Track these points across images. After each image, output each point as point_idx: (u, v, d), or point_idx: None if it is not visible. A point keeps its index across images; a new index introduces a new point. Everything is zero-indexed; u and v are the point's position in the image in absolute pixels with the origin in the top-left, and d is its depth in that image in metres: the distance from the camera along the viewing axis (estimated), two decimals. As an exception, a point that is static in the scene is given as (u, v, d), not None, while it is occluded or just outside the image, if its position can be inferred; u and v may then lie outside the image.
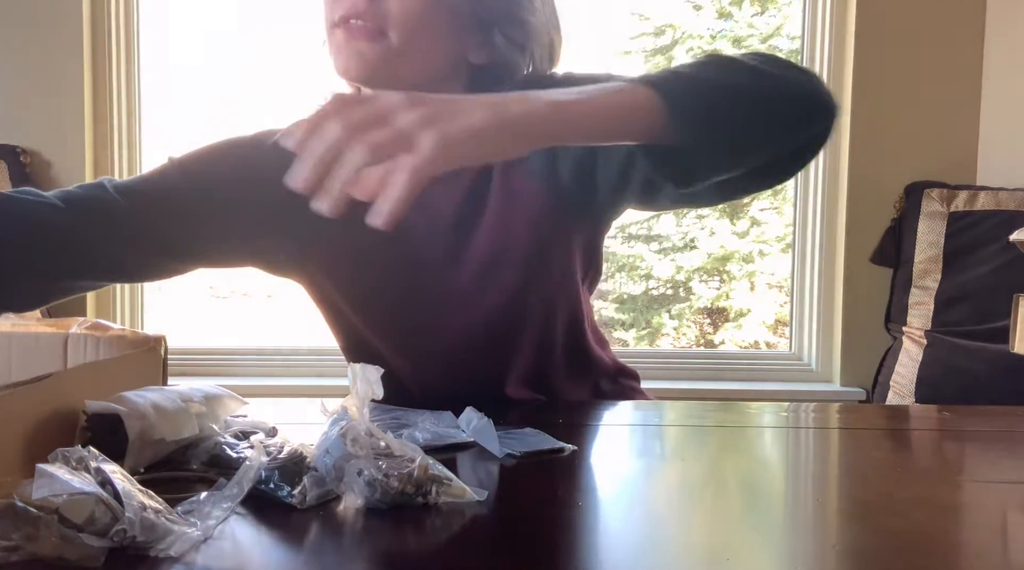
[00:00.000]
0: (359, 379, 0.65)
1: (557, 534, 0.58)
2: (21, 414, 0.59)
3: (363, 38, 0.88)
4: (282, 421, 0.77)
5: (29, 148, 2.07)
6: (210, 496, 0.55)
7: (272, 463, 0.60)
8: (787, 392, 2.26)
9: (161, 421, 0.64)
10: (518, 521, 0.61)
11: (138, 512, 0.49)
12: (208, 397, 0.72)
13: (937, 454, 0.82)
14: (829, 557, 0.54)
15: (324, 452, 0.60)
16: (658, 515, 0.61)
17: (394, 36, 0.88)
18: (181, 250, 0.94)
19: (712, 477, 0.73)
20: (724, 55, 0.76)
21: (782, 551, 0.57)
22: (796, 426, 0.92)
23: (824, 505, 0.66)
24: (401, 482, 0.59)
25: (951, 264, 2.05)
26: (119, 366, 0.74)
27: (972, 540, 0.62)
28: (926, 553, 0.56)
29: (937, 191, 2.10)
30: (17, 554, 0.47)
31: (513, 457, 0.73)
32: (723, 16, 4.61)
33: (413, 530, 0.57)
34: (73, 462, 0.52)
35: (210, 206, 0.93)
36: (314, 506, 0.59)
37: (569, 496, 0.64)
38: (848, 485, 0.72)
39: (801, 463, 0.81)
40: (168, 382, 0.79)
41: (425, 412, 0.84)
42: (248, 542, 0.54)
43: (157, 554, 0.49)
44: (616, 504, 0.64)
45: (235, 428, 0.72)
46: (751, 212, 3.77)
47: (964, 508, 0.67)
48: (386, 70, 0.89)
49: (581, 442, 0.78)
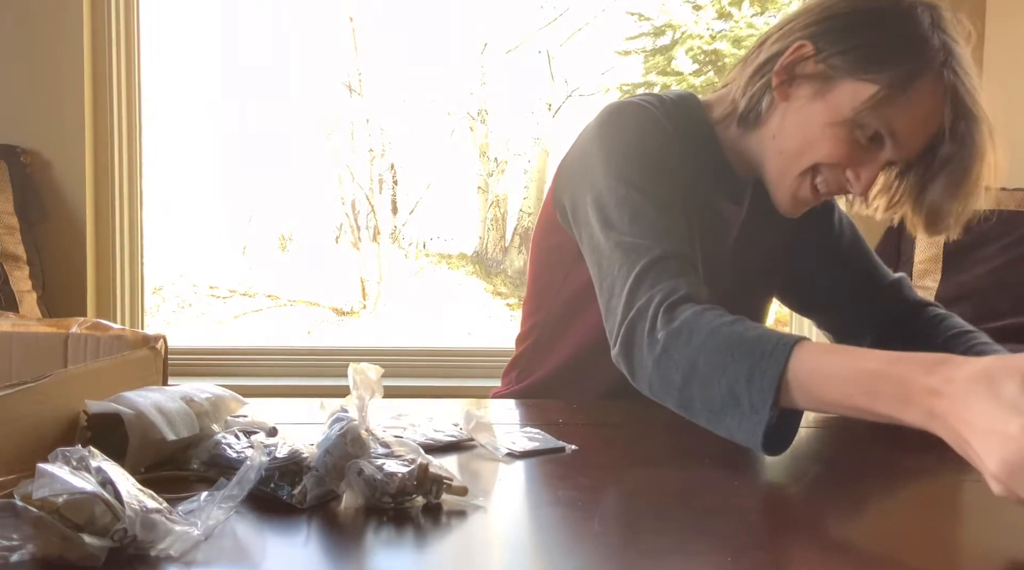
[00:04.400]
0: (359, 379, 0.65)
1: (557, 534, 0.58)
2: (21, 414, 0.59)
3: (819, 200, 1.00)
4: (282, 421, 0.77)
5: (29, 148, 2.07)
6: (210, 496, 0.55)
7: (272, 463, 0.60)
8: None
9: (161, 421, 0.64)
10: (518, 521, 0.61)
11: (138, 512, 0.49)
12: (208, 397, 0.72)
13: (937, 454, 0.82)
14: (829, 556, 0.54)
15: (324, 452, 0.60)
16: (658, 515, 0.61)
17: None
18: None
19: (712, 477, 0.73)
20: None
21: (782, 551, 0.57)
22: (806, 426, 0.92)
23: (823, 505, 0.66)
24: (401, 482, 0.59)
25: (951, 264, 2.05)
26: (119, 366, 0.74)
27: (972, 540, 0.62)
28: (926, 553, 0.56)
29: (937, 191, 2.11)
30: (17, 554, 0.47)
31: (513, 457, 0.73)
32: (723, 16, 4.61)
33: (413, 530, 0.57)
34: (73, 462, 0.52)
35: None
36: (314, 506, 0.59)
37: (569, 496, 0.64)
38: (848, 485, 0.72)
39: (800, 463, 0.80)
40: (168, 382, 0.79)
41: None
42: (248, 542, 0.54)
43: (157, 554, 0.49)
44: (616, 504, 0.64)
45: (235, 428, 0.72)
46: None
47: (964, 508, 0.67)
48: None
49: (581, 442, 0.78)
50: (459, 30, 4.49)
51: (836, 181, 0.96)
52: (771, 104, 0.97)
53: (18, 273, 1.96)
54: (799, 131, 0.96)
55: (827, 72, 0.93)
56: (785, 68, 0.95)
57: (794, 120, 0.96)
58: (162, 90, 2.42)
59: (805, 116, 0.95)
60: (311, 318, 4.62)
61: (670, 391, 0.78)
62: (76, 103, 2.11)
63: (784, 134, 0.97)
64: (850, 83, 0.91)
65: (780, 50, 0.96)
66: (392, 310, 4.87)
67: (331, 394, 0.69)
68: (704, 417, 0.77)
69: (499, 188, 5.41)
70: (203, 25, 2.61)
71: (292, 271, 4.79)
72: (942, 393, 0.59)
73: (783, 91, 0.96)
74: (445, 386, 2.18)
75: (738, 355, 0.73)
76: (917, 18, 0.92)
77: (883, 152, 0.94)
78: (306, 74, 3.79)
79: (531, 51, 4.68)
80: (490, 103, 5.01)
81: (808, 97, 0.94)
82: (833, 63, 0.92)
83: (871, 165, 0.94)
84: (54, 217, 2.07)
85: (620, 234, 0.88)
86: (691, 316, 0.78)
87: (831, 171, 0.96)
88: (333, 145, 4.57)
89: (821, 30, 0.94)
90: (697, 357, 0.75)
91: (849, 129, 0.92)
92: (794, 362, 0.70)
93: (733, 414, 0.73)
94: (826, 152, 0.94)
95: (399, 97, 4.60)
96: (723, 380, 0.73)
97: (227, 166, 4.26)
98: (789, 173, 0.98)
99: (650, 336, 0.80)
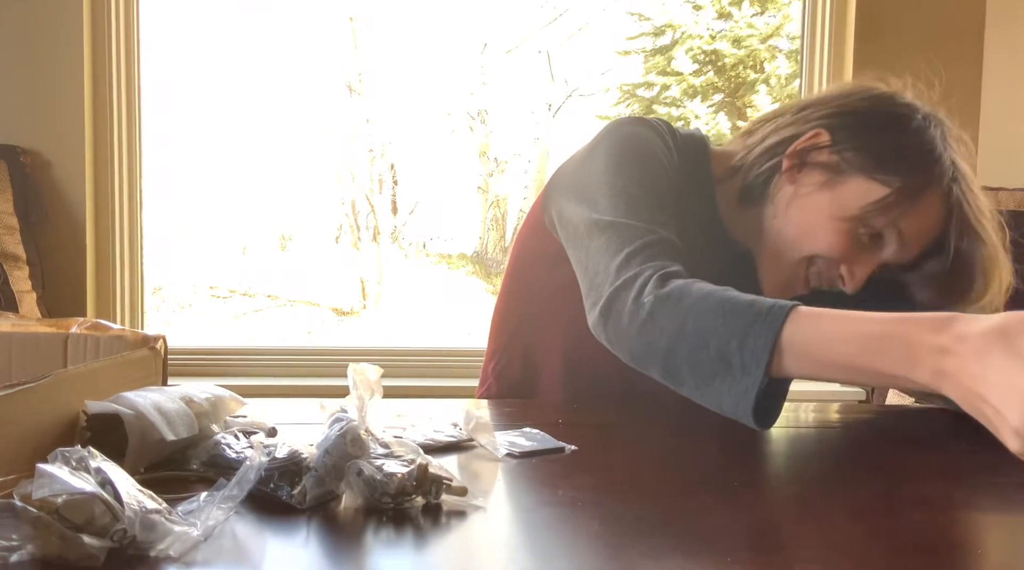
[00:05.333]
0: (359, 379, 0.65)
1: (557, 534, 0.58)
2: (21, 414, 0.59)
3: (806, 290, 0.97)
4: (282, 421, 0.77)
5: (29, 148, 2.07)
6: (210, 496, 0.55)
7: (272, 463, 0.60)
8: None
9: (161, 421, 0.64)
10: (518, 521, 0.61)
11: (138, 512, 0.49)
12: (208, 397, 0.72)
13: (937, 454, 0.82)
14: (829, 556, 0.54)
15: (324, 452, 0.60)
16: (659, 515, 0.61)
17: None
18: None
19: (712, 477, 0.73)
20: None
21: (782, 551, 0.57)
22: (796, 426, 0.92)
23: (824, 505, 0.66)
24: (401, 482, 0.59)
25: (951, 264, 2.05)
26: (119, 366, 0.74)
27: (972, 540, 0.62)
28: (926, 553, 0.56)
29: (937, 191, 2.10)
30: (17, 554, 0.47)
31: (513, 457, 0.73)
32: (723, 16, 4.61)
33: (413, 530, 0.57)
34: (73, 462, 0.52)
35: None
36: (314, 506, 0.59)
37: (569, 496, 0.64)
38: (848, 485, 0.72)
39: (801, 463, 0.81)
40: (168, 382, 0.79)
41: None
42: (248, 542, 0.54)
43: (157, 554, 0.49)
44: (616, 504, 0.64)
45: (235, 428, 0.72)
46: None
47: (964, 508, 0.67)
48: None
49: (581, 442, 0.78)
50: (459, 30, 4.49)
51: (828, 275, 0.95)
52: (777, 184, 0.97)
53: (18, 273, 1.96)
54: (803, 218, 0.95)
55: (840, 165, 0.92)
56: (798, 153, 0.94)
57: (799, 206, 0.95)
58: (162, 90, 2.42)
59: (811, 204, 0.94)
60: (311, 318, 4.62)
61: (654, 358, 0.76)
62: (76, 103, 2.11)
63: (787, 218, 0.96)
64: (862, 180, 0.91)
65: (795, 134, 0.96)
66: (392, 310, 4.87)
67: (331, 394, 0.69)
68: (690, 384, 0.74)
69: (499, 188, 5.41)
70: (203, 25, 2.62)
71: (292, 271, 4.79)
72: (952, 351, 0.58)
73: (792, 175, 0.95)
74: (445, 386, 2.18)
75: (730, 317, 0.70)
76: (932, 131, 0.93)
77: (882, 253, 0.93)
78: (306, 74, 3.80)
79: (531, 51, 4.68)
80: (490, 103, 5.01)
81: (817, 185, 0.94)
82: (847, 157, 0.92)
83: (867, 264, 0.93)
84: (54, 217, 2.07)
85: (614, 216, 0.87)
86: (682, 284, 0.76)
87: (827, 264, 0.95)
88: (333, 145, 4.57)
89: (839, 123, 0.94)
90: (685, 319, 0.73)
91: (854, 225, 0.91)
92: (791, 324, 0.68)
93: (723, 379, 0.70)
94: (827, 244, 0.93)
95: (399, 97, 4.60)
96: (713, 343, 0.71)
97: (227, 166, 4.27)
98: (785, 258, 0.96)
99: (635, 302, 0.78)
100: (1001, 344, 0.56)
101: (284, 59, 2.87)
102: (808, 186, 0.94)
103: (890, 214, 0.90)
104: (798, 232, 0.95)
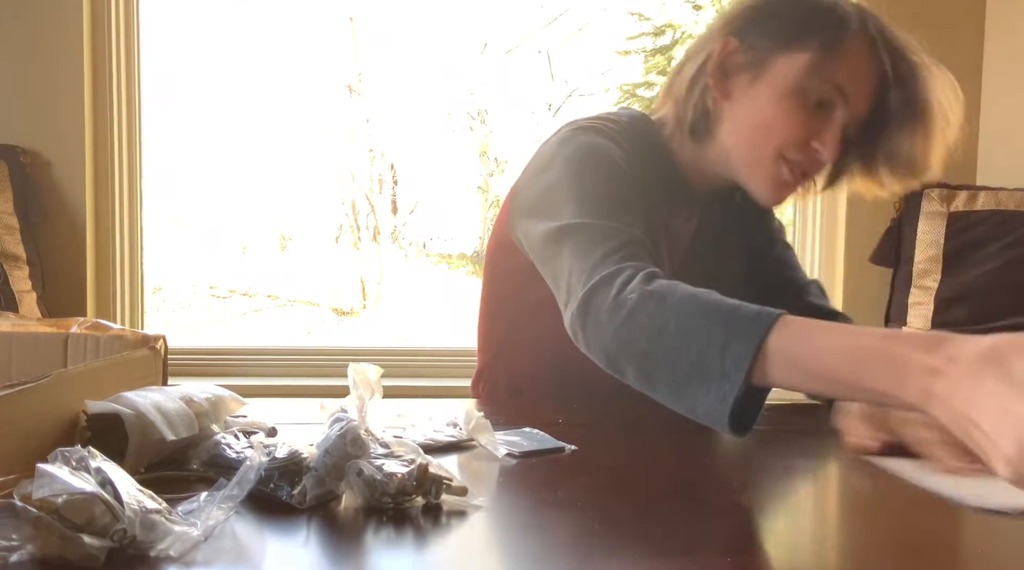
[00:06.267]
0: (359, 379, 0.65)
1: (557, 534, 0.58)
2: (21, 414, 0.59)
3: (801, 183, 0.99)
4: (282, 421, 0.77)
5: (29, 148, 2.07)
6: (210, 496, 0.55)
7: (272, 463, 0.60)
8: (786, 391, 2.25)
9: (161, 421, 0.64)
10: (518, 521, 0.61)
11: (138, 512, 0.49)
12: (208, 397, 0.72)
13: (937, 454, 0.82)
14: (829, 557, 0.54)
15: (324, 452, 0.60)
16: (659, 515, 0.61)
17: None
18: None
19: (712, 477, 0.73)
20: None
21: (782, 551, 0.57)
22: (796, 426, 0.92)
23: (823, 505, 0.66)
24: (401, 482, 0.59)
25: (951, 264, 2.05)
26: (119, 366, 0.74)
27: (972, 540, 0.62)
28: (926, 553, 0.56)
29: (937, 191, 2.10)
30: (17, 554, 0.47)
31: (513, 457, 0.73)
32: (723, 16, 4.60)
33: (413, 530, 0.57)
34: (73, 462, 0.52)
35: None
36: (314, 506, 0.59)
37: (569, 496, 0.64)
38: (847, 485, 0.72)
39: (800, 463, 0.81)
40: (168, 382, 0.79)
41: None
42: (248, 542, 0.54)
43: (157, 554, 0.49)
44: (616, 504, 0.64)
45: (235, 428, 0.72)
46: (751, 212, 3.76)
47: (964, 508, 0.67)
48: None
49: (581, 442, 0.78)
50: (459, 30, 4.49)
51: (806, 157, 0.97)
52: (716, 108, 0.99)
53: (18, 273, 1.96)
54: (752, 119, 0.97)
55: (759, 57, 0.95)
56: (719, 68, 0.97)
57: (743, 112, 0.97)
58: (162, 90, 2.42)
59: (752, 103, 0.97)
60: (311, 318, 4.62)
61: (630, 358, 0.74)
62: (76, 103, 2.10)
63: (739, 129, 0.98)
64: (784, 59, 0.94)
65: (707, 54, 0.98)
66: (392, 310, 4.86)
67: (331, 394, 0.69)
68: (665, 388, 0.72)
69: (499, 188, 5.41)
70: (203, 25, 2.62)
71: (292, 271, 4.79)
72: (943, 373, 0.56)
73: (723, 90, 0.98)
74: (445, 386, 2.18)
75: (715, 319, 0.69)
76: None
77: (836, 113, 0.95)
78: (306, 74, 3.80)
79: (531, 51, 4.68)
80: (490, 103, 5.01)
81: (748, 85, 0.96)
82: (761, 46, 0.96)
83: (830, 128, 0.95)
84: (54, 217, 2.07)
85: (585, 218, 0.87)
86: (668, 283, 0.75)
87: (797, 149, 0.96)
88: (333, 145, 4.57)
89: (740, 24, 0.98)
90: (668, 320, 0.71)
91: (796, 98, 0.94)
92: (777, 331, 0.66)
93: (700, 383, 0.68)
94: (784, 129, 0.95)
95: (399, 97, 4.60)
96: (694, 345, 0.68)
97: (227, 166, 4.27)
98: (760, 162, 0.98)
99: (615, 299, 0.76)
100: (994, 368, 0.54)
101: (284, 59, 2.87)
102: (741, 90, 0.97)
103: (822, 73, 0.92)
104: (755, 133, 0.97)
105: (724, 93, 0.98)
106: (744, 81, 0.97)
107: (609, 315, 0.75)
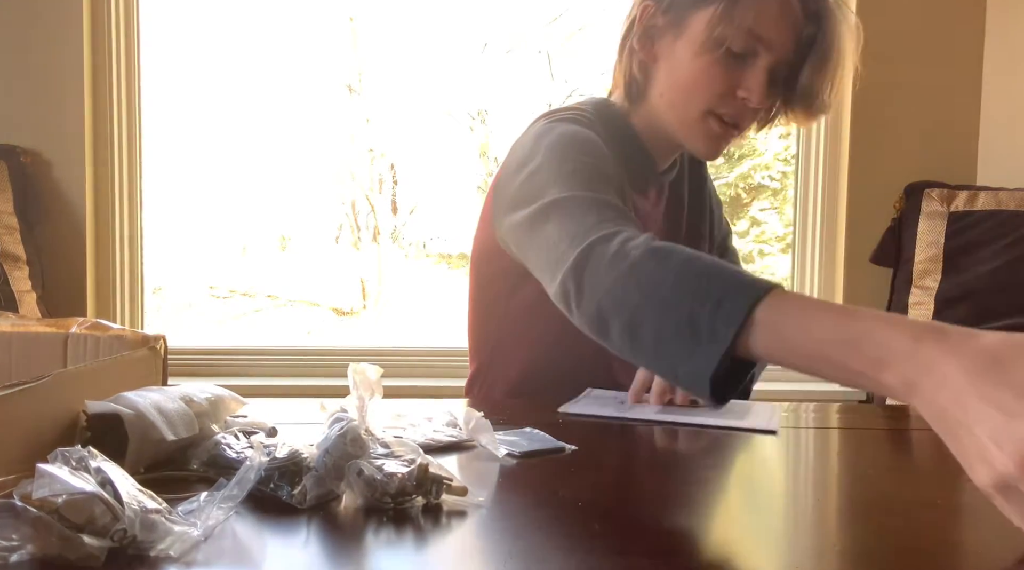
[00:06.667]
0: (359, 379, 0.65)
1: (557, 534, 0.58)
2: (21, 414, 0.59)
3: (734, 134, 1.03)
4: (282, 421, 0.77)
5: (29, 148, 2.07)
6: (210, 496, 0.55)
7: (272, 463, 0.60)
8: (787, 392, 2.26)
9: (161, 421, 0.64)
10: (518, 521, 0.61)
11: (138, 512, 0.49)
12: (208, 397, 0.72)
13: (937, 454, 0.82)
14: (829, 557, 0.54)
15: (324, 452, 0.60)
16: (658, 515, 0.61)
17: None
18: None
19: (712, 477, 0.73)
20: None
21: (783, 551, 0.57)
22: (796, 426, 0.92)
23: (824, 505, 0.66)
24: (401, 482, 0.59)
25: (951, 264, 2.05)
26: (119, 366, 0.74)
27: (972, 540, 0.62)
28: (926, 553, 0.56)
29: (937, 191, 2.10)
30: (17, 554, 0.47)
31: (513, 457, 0.73)
32: (723, 16, 4.60)
33: (413, 530, 0.57)
34: (73, 462, 0.52)
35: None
36: (314, 506, 0.59)
37: (569, 496, 0.64)
38: (848, 485, 0.72)
39: (801, 463, 0.80)
40: (168, 382, 0.79)
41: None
42: (248, 542, 0.54)
43: (157, 554, 0.49)
44: (616, 504, 0.64)
45: (235, 428, 0.72)
46: (751, 212, 3.76)
47: (964, 508, 0.67)
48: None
49: (581, 442, 0.78)
50: (459, 30, 4.49)
51: (735, 108, 1.00)
52: (646, 70, 1.04)
53: (18, 273, 1.96)
54: (677, 76, 1.01)
55: (675, 15, 1.00)
56: (643, 32, 1.02)
57: (669, 70, 1.02)
58: (162, 89, 2.42)
59: (676, 61, 1.01)
60: (311, 318, 4.62)
61: (620, 311, 0.72)
62: (76, 103, 2.11)
63: (668, 89, 1.02)
64: (697, 14, 0.98)
65: (631, 21, 1.04)
66: (392, 310, 4.86)
67: (331, 394, 0.69)
68: (648, 346, 0.70)
69: (499, 188, 5.40)
70: (203, 25, 2.62)
71: (292, 271, 4.79)
72: (932, 367, 0.53)
73: (648, 52, 1.03)
74: (445, 386, 2.18)
75: (713, 282, 0.67)
76: None
77: (759, 59, 0.98)
78: (306, 74, 3.80)
79: (531, 51, 4.68)
80: (490, 103, 5.01)
81: (670, 46, 1.01)
82: (676, 6, 1.00)
83: (754, 74, 0.98)
84: (54, 217, 2.08)
85: (575, 190, 0.86)
86: (671, 244, 0.75)
87: (724, 102, 0.99)
88: (333, 145, 4.57)
89: None
90: (666, 276, 0.70)
91: (714, 52, 0.97)
92: (771, 298, 0.64)
93: (687, 342, 0.66)
94: (707, 83, 0.98)
95: (399, 97, 4.60)
96: (687, 304, 0.67)
97: (227, 166, 4.27)
98: (689, 118, 1.01)
99: (617, 253, 0.75)
100: (994, 371, 0.50)
101: (284, 59, 2.87)
102: (665, 52, 1.02)
103: (734, 21, 0.95)
104: (682, 90, 1.01)
105: (651, 56, 1.03)
106: (667, 42, 1.01)
107: (608, 267, 0.75)
